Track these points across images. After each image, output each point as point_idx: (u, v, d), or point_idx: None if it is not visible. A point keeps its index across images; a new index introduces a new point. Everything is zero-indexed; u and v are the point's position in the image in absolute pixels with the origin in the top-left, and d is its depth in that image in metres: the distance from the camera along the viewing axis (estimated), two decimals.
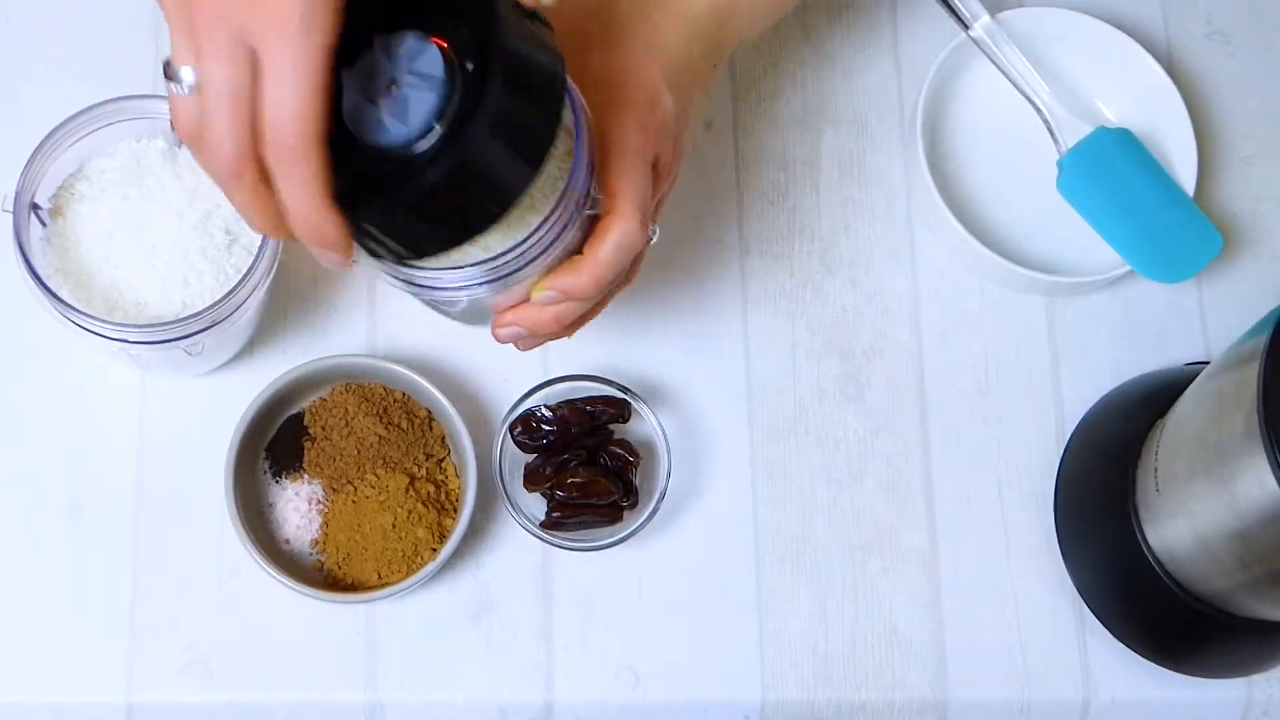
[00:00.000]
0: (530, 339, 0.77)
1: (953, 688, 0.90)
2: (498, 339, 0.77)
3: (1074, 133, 0.95)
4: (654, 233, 0.76)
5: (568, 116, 0.68)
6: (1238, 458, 0.75)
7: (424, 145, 0.63)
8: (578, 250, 0.73)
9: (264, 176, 0.65)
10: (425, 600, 0.89)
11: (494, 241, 0.68)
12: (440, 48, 0.64)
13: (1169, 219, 0.94)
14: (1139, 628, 0.89)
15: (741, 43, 0.84)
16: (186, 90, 0.64)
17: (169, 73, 0.64)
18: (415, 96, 0.64)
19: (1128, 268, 0.93)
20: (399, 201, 0.64)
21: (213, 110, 0.63)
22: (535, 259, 0.70)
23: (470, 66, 0.63)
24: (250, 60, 0.63)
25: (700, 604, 0.90)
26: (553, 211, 0.68)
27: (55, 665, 0.86)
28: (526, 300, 0.74)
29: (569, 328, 0.77)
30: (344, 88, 0.64)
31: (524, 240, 0.68)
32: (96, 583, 0.87)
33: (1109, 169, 0.95)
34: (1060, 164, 0.95)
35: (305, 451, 0.88)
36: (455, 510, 0.88)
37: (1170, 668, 0.90)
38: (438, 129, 0.63)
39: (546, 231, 0.69)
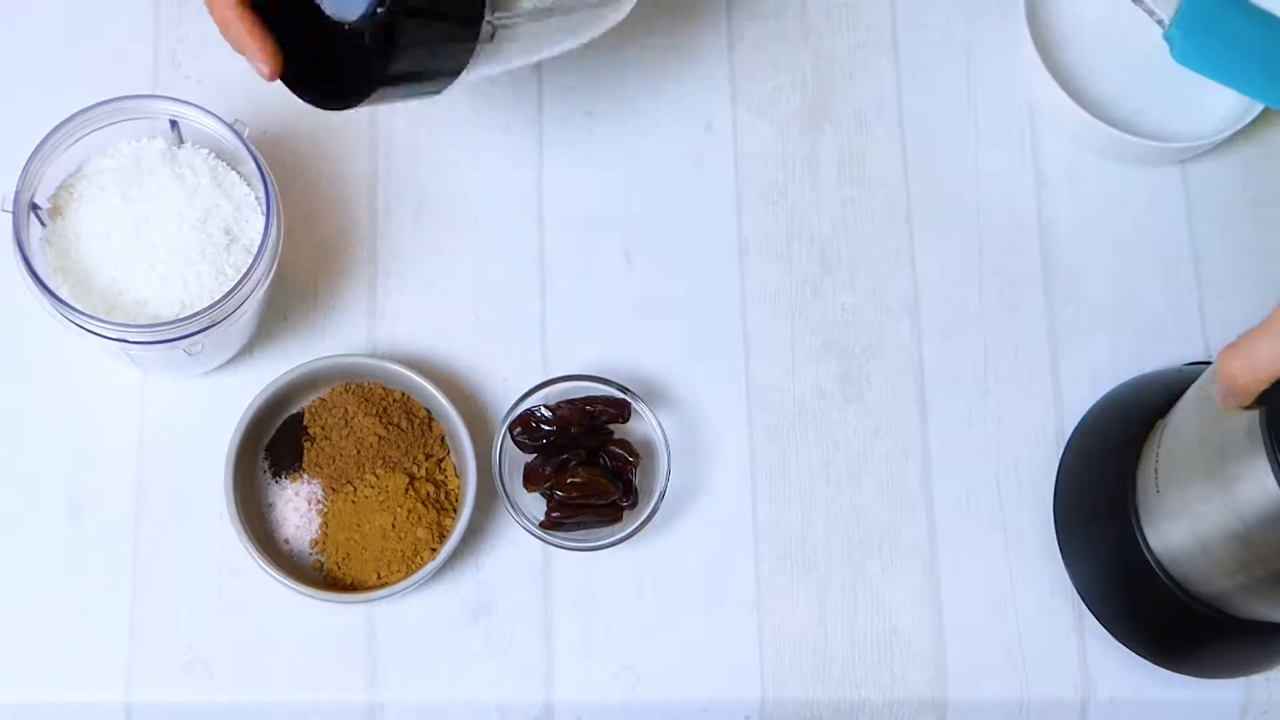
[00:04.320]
0: None
1: (952, 687, 0.90)
2: None
3: (1167, 2, 0.95)
4: None
5: None
6: (1238, 459, 0.75)
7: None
8: None
9: None
10: (425, 600, 0.89)
11: None
12: None
13: None
14: (1138, 628, 0.89)
15: None
16: None
17: None
18: None
19: (1239, 125, 0.95)
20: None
21: None
22: None
23: None
24: None
25: (700, 604, 0.90)
26: None
27: (55, 665, 0.86)
28: None
29: None
30: None
31: None
32: (96, 583, 0.87)
33: (1217, 26, 0.94)
34: (1168, 37, 0.94)
35: (305, 451, 0.88)
36: (455, 510, 0.88)
37: (1169, 668, 0.90)
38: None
39: None
